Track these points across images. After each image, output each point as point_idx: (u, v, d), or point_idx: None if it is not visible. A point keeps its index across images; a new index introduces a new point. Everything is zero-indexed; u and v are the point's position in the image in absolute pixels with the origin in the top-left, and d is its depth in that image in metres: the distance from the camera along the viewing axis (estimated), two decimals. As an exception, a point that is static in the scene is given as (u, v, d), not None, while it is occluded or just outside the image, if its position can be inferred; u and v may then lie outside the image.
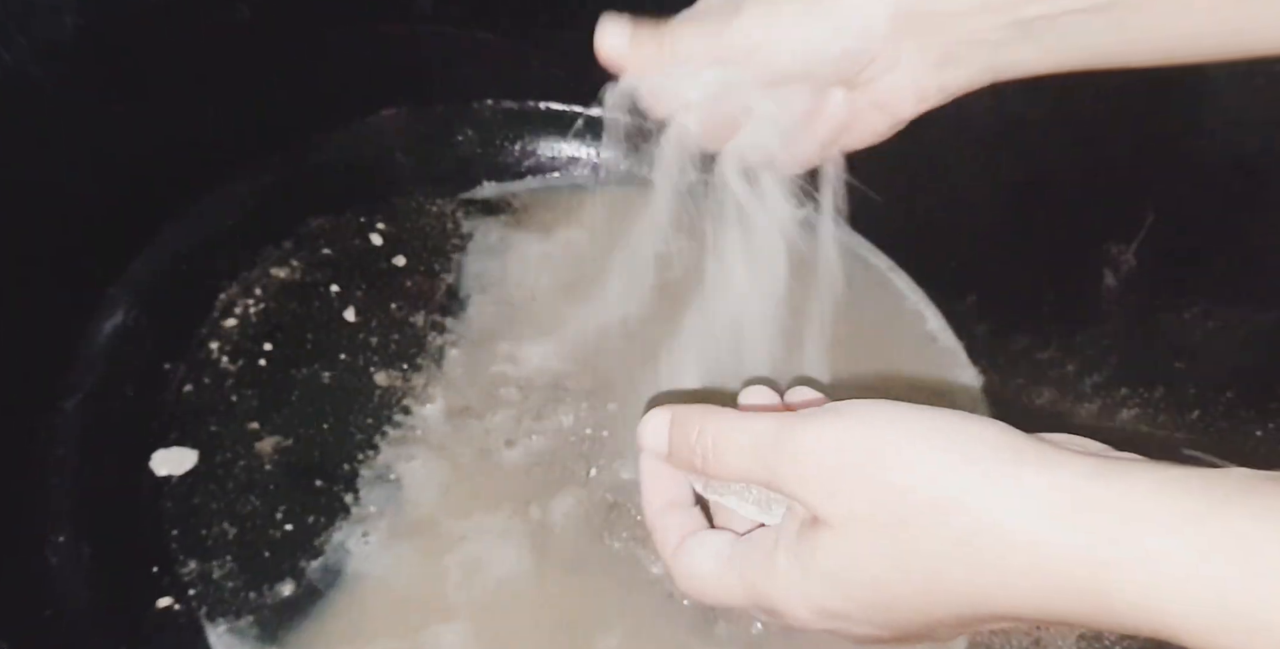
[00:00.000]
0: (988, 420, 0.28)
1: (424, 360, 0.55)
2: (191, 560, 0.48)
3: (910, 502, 0.27)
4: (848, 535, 0.28)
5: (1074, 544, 0.24)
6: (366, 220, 0.61)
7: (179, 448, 0.51)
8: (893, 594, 0.28)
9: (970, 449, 0.27)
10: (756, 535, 0.32)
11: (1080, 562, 0.24)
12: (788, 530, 0.30)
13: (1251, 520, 0.23)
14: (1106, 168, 0.47)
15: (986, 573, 0.26)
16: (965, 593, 0.26)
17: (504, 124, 0.65)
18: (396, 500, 0.50)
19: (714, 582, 0.32)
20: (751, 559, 0.31)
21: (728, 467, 0.31)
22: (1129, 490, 0.24)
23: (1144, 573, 0.23)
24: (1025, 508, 0.25)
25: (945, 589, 0.26)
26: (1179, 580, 0.23)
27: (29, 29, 0.46)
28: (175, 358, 0.54)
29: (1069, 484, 0.25)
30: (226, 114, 0.56)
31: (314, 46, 0.57)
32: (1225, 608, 0.22)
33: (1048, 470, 0.26)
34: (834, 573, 0.28)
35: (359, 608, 0.46)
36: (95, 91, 0.50)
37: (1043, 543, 0.25)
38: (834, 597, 0.28)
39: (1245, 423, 0.40)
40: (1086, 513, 0.24)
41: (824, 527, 0.28)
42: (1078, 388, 0.50)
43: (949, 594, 0.27)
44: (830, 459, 0.28)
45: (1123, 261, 0.47)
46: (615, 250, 0.59)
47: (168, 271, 0.56)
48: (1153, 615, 0.23)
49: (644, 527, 0.49)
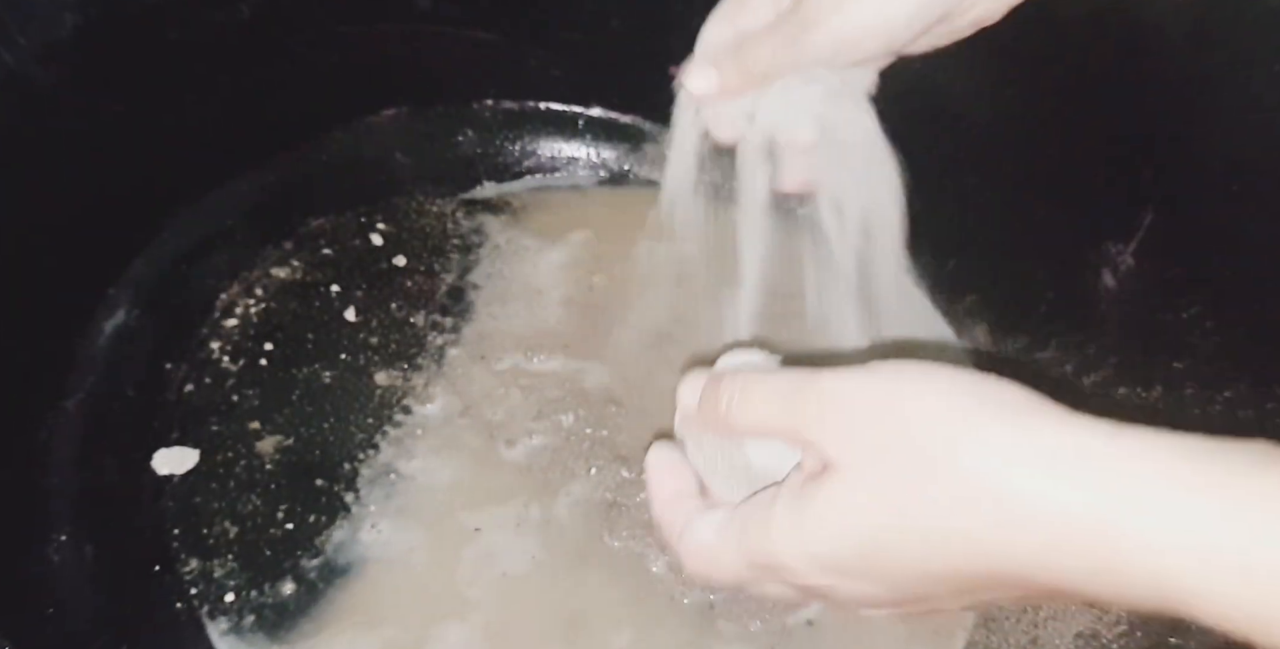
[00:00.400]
0: (1010, 382, 0.28)
1: (424, 360, 0.55)
2: (193, 559, 0.48)
3: (922, 450, 0.27)
4: (854, 481, 0.28)
5: (1084, 501, 0.24)
6: (367, 220, 0.61)
7: (180, 447, 0.51)
8: (892, 544, 0.27)
9: (989, 405, 0.27)
10: (756, 497, 0.32)
11: (1090, 519, 0.24)
12: (791, 484, 0.30)
13: (1278, 487, 0.22)
14: (1105, 168, 0.47)
15: (989, 525, 0.25)
16: (965, 547, 0.26)
17: (504, 124, 0.65)
18: (397, 500, 0.50)
19: (717, 552, 0.32)
20: (751, 518, 0.31)
21: (751, 411, 0.31)
22: (1148, 452, 0.24)
23: (1159, 534, 0.23)
24: (1036, 463, 0.25)
25: (945, 540, 0.26)
26: (1197, 543, 0.22)
27: (30, 30, 0.46)
28: (176, 358, 0.54)
29: (1085, 443, 0.25)
30: (227, 114, 0.56)
31: (314, 47, 0.57)
32: (1248, 573, 0.22)
33: (1066, 430, 0.25)
34: (835, 520, 0.28)
35: (360, 607, 0.47)
36: (96, 92, 0.50)
37: (1051, 498, 0.24)
38: (832, 545, 0.28)
39: (1243, 423, 0.40)
40: (1100, 471, 0.24)
41: (831, 474, 0.28)
42: (1076, 388, 0.50)
43: (948, 546, 0.26)
44: (853, 402, 0.29)
45: (1121, 262, 0.47)
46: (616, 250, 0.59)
47: (169, 272, 0.57)
48: (1164, 580, 0.23)
49: (644, 526, 0.49)
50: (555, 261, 0.59)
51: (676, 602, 0.47)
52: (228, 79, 0.55)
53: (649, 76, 0.62)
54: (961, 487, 0.26)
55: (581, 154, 0.66)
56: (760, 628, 0.47)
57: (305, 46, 0.57)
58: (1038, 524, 0.24)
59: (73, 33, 0.47)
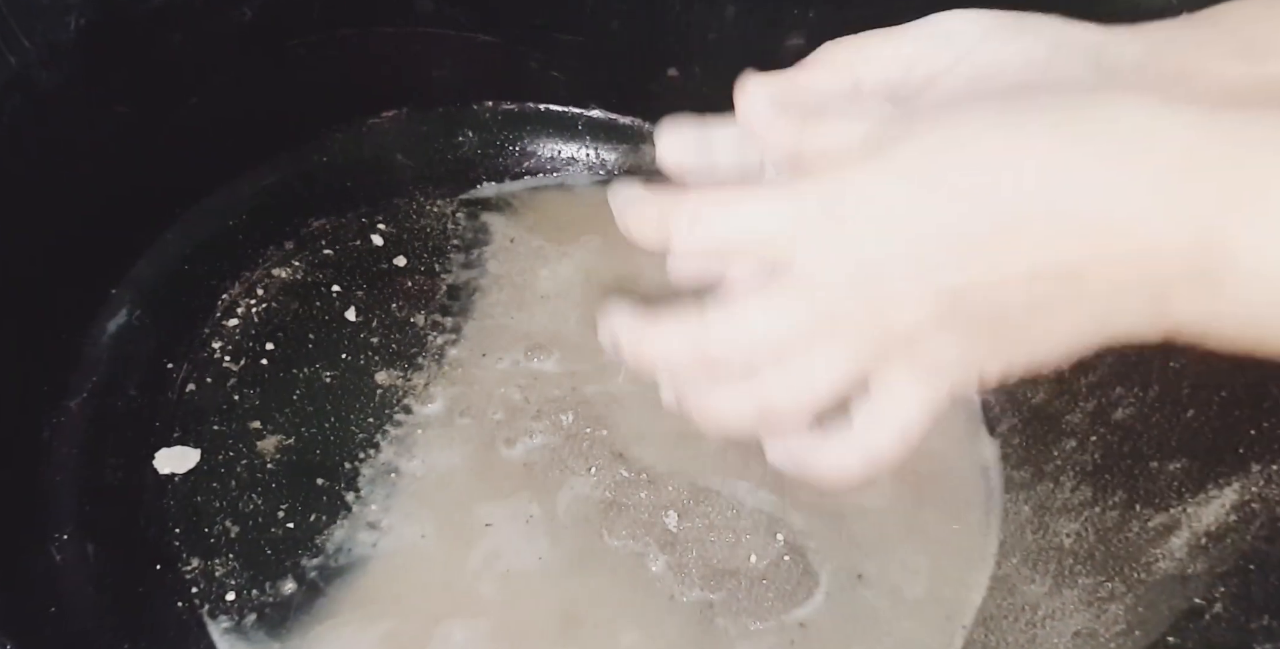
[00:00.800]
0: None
1: (425, 360, 0.55)
2: (194, 558, 0.48)
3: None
4: (912, 146, 0.26)
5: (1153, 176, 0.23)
6: (367, 221, 0.61)
7: (181, 447, 0.51)
8: (935, 218, 0.26)
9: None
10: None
11: (1152, 193, 0.23)
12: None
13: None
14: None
15: (1037, 194, 0.24)
16: (1011, 213, 0.25)
17: (504, 125, 0.65)
18: (397, 499, 0.50)
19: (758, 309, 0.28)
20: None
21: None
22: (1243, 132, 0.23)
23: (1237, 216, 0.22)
24: (1096, 138, 0.24)
25: (991, 208, 0.25)
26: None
27: (34, 32, 0.46)
28: (178, 357, 0.55)
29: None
30: (229, 115, 0.57)
31: (316, 49, 0.58)
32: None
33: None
34: (880, 196, 0.26)
35: (361, 605, 0.47)
36: (99, 93, 0.50)
37: (1113, 167, 0.23)
38: (874, 230, 0.26)
39: (1240, 422, 0.40)
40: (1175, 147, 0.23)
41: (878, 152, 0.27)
42: (1073, 387, 0.50)
43: (994, 212, 0.25)
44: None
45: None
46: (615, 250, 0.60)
47: (170, 272, 0.57)
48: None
49: (644, 525, 0.49)
50: (555, 261, 0.59)
51: (676, 602, 0.47)
52: (230, 80, 0.56)
53: (649, 77, 0.63)
54: (1018, 161, 0.25)
55: (581, 155, 0.66)
56: (760, 628, 0.47)
57: (307, 48, 0.58)
58: (1098, 200, 0.24)
59: (76, 35, 0.48)
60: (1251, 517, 0.38)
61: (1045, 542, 0.48)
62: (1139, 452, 0.45)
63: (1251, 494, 0.38)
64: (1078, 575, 0.45)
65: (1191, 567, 0.39)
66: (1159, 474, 0.43)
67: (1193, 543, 0.40)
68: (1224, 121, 0.24)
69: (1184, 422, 0.43)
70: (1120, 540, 0.44)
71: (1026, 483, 0.51)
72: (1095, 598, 0.43)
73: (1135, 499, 0.44)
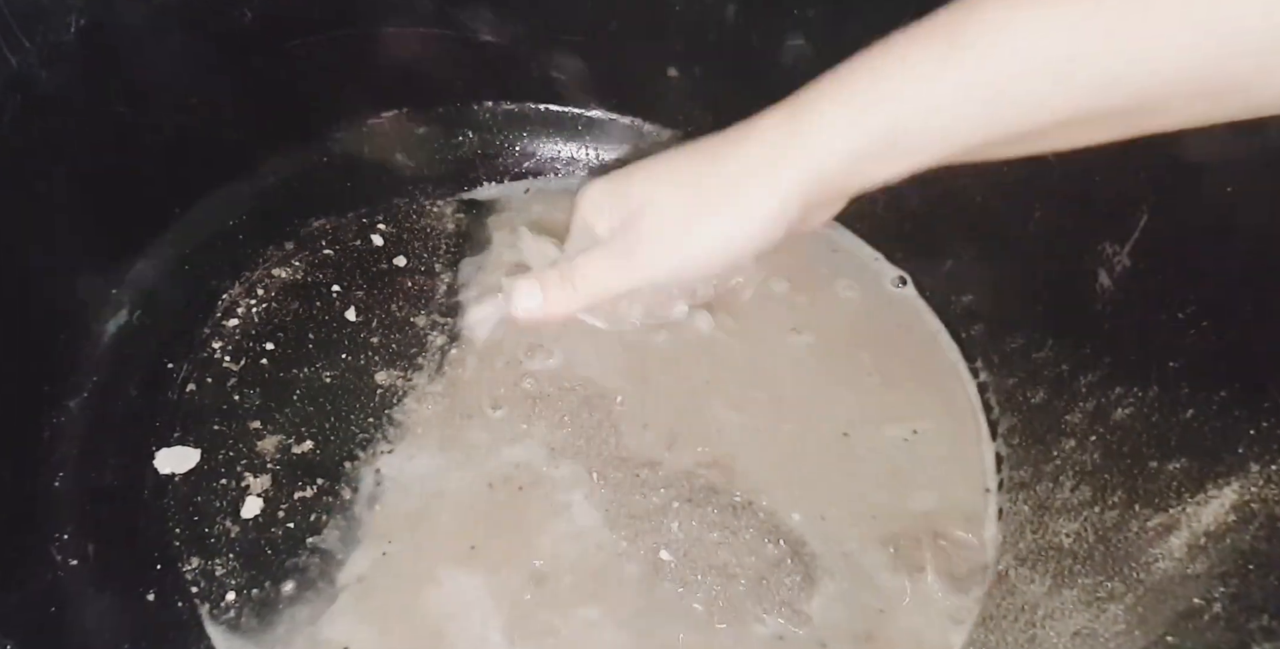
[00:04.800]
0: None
1: (424, 360, 0.55)
2: (194, 558, 0.48)
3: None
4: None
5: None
6: (368, 221, 0.62)
7: (182, 446, 0.51)
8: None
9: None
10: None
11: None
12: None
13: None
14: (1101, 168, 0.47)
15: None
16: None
17: (504, 125, 0.66)
18: (397, 499, 0.50)
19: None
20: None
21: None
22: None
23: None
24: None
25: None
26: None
27: (34, 33, 0.46)
28: (178, 357, 0.55)
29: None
30: (229, 116, 0.57)
31: (316, 49, 0.58)
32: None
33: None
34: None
35: (360, 606, 0.47)
36: (99, 93, 0.50)
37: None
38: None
39: (1239, 422, 0.40)
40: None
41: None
42: (1072, 387, 0.50)
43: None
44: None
45: (1117, 262, 0.48)
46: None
47: (171, 272, 0.57)
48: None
49: (644, 525, 0.50)
50: (555, 262, 0.59)
51: (676, 601, 0.47)
52: (230, 81, 0.56)
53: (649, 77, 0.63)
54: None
55: (581, 155, 0.66)
56: (761, 628, 0.47)
57: (307, 49, 0.58)
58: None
59: (77, 35, 0.48)
60: (1251, 517, 0.38)
61: (1045, 542, 0.48)
62: (1139, 452, 0.45)
63: (1251, 494, 0.38)
64: (1077, 575, 0.45)
65: (1191, 567, 0.39)
66: (1159, 474, 0.43)
67: (1192, 543, 0.40)
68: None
69: (1184, 422, 0.43)
70: (1120, 540, 0.44)
71: (1026, 483, 0.51)
72: (1095, 598, 0.43)
73: (1135, 499, 0.44)
